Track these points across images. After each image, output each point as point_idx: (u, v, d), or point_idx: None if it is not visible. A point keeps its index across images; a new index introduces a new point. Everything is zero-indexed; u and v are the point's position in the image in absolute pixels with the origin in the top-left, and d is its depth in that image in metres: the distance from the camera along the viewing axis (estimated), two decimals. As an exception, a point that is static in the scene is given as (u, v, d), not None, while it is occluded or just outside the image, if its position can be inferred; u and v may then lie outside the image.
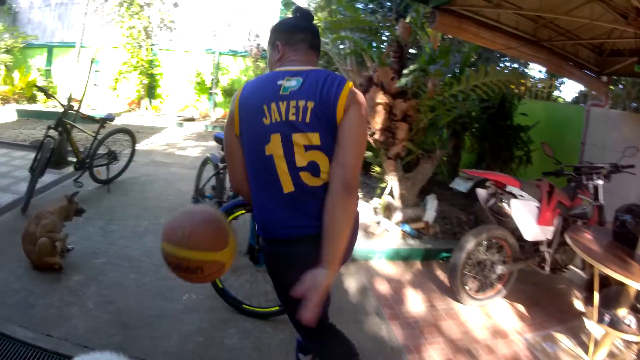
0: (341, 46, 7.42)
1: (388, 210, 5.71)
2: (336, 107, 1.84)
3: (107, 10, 15.01)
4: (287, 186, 1.90)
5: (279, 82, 1.93)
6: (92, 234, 5.06)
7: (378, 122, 5.29)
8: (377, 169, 6.03)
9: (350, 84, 1.92)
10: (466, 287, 4.15)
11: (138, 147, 8.47)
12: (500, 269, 4.20)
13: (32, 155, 5.84)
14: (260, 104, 1.92)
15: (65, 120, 6.08)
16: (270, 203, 1.97)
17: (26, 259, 4.13)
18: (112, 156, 6.78)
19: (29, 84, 15.37)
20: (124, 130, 7.26)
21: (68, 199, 4.51)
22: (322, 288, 1.73)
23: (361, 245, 5.02)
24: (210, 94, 15.62)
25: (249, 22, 15.16)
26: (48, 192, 6.31)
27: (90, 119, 6.66)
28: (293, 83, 1.91)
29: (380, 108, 5.23)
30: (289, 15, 8.18)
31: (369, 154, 6.13)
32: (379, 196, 5.99)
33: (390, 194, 5.73)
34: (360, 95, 1.92)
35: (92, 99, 15.76)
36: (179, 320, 3.61)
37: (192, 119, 14.87)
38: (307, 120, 1.85)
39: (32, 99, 15.50)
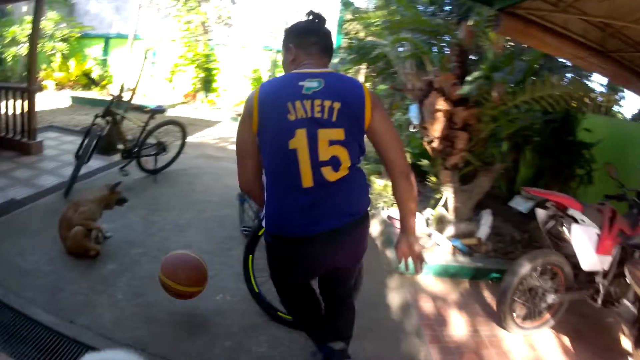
0: (400, 49, 7.20)
1: (440, 222, 5.39)
2: (364, 108, 2.02)
3: (164, 4, 15.26)
4: (307, 181, 1.98)
5: (300, 83, 2.02)
6: (133, 224, 4.98)
7: (437, 129, 4.99)
8: (433, 179, 5.72)
9: (366, 86, 2.11)
10: (514, 314, 3.80)
11: (190, 139, 8.37)
12: (551, 298, 3.82)
13: (81, 140, 5.86)
14: (284, 102, 1.99)
15: (113, 110, 6.04)
16: (287, 199, 2.05)
17: (61, 243, 4.07)
18: (161, 147, 6.73)
19: (84, 72, 15.75)
20: (175, 122, 7.18)
21: (110, 188, 4.44)
22: (417, 248, 2.23)
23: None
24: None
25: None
26: (94, 178, 6.34)
27: (139, 110, 6.60)
28: (315, 84, 2.01)
29: (440, 115, 4.92)
30: (349, 15, 7.80)
31: (425, 162, 5.83)
32: (433, 207, 5.69)
33: (445, 206, 5.42)
34: (377, 95, 2.12)
35: (148, 89, 16.07)
36: (208, 321, 3.43)
37: None
38: (334, 119, 1.98)
39: (87, 86, 15.87)
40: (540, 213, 4.00)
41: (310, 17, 2.24)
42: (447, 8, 7.82)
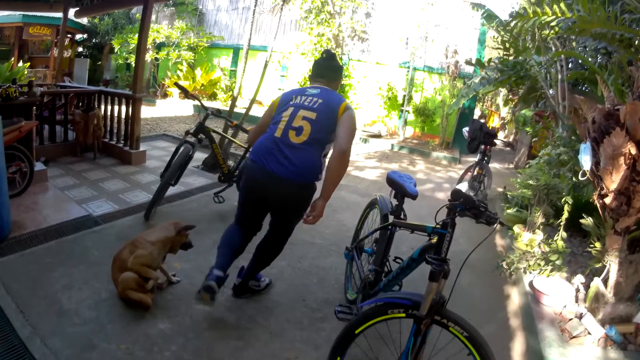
0: (553, 69, 6.04)
1: (596, 301, 3.95)
2: (339, 108, 3.08)
3: (295, 16, 14.86)
4: (279, 132, 3.06)
5: (307, 90, 3.25)
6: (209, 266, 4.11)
7: (614, 180, 3.57)
8: (597, 244, 4.26)
9: (346, 101, 3.18)
10: None
11: None
12: None
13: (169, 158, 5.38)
14: (292, 95, 3.26)
15: (207, 127, 5.33)
16: (265, 141, 3.11)
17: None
18: None
19: (210, 82, 15.74)
20: None
21: (178, 229, 3.58)
22: (321, 210, 2.97)
23: (552, 354, 3.43)
24: (401, 110, 14.47)
25: (447, 36, 13.74)
26: (187, 200, 5.82)
27: (240, 129, 5.83)
28: (314, 91, 3.21)
29: (621, 161, 3.50)
30: (492, 30, 8.63)
31: (588, 220, 4.37)
32: (587, 277, 4.33)
33: (605, 279, 3.99)
34: (351, 107, 3.14)
35: None
36: None
37: (378, 136, 13.99)
38: (314, 106, 3.09)
39: (213, 96, 16.02)
40: None
41: (323, 55, 3.46)
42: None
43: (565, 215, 4.65)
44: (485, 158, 7.38)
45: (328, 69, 3.39)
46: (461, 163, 12.13)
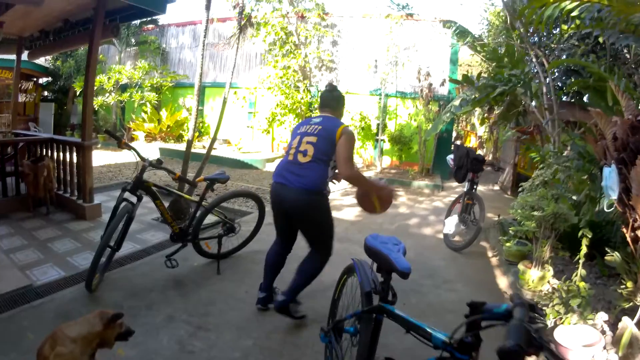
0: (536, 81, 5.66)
1: (630, 347, 3.22)
2: (336, 133, 3.57)
3: (260, 50, 14.33)
4: (291, 156, 3.68)
5: (312, 120, 3.84)
6: (160, 351, 3.29)
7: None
8: (629, 283, 3.51)
9: (344, 125, 3.69)
10: None
11: None
12: None
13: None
14: (300, 127, 3.87)
15: (147, 181, 4.47)
16: (281, 164, 3.77)
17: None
18: (227, 227, 5.04)
19: (177, 123, 15.18)
20: (247, 195, 5.61)
21: (104, 321, 2.72)
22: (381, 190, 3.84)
23: None
24: (376, 140, 13.80)
25: (418, 59, 13.24)
26: (139, 263, 4.96)
27: (184, 181, 5.04)
28: (317, 120, 3.79)
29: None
30: (465, 47, 9.82)
31: (615, 256, 3.64)
32: (617, 317, 3.58)
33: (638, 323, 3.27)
34: (348, 131, 3.61)
35: (246, 141, 15.15)
36: None
37: None
38: (315, 132, 3.65)
39: (180, 138, 15.32)
40: None
41: (327, 87, 4.10)
42: None
43: (584, 250, 3.92)
44: (475, 186, 6.69)
45: (331, 99, 3.96)
46: (444, 190, 11.49)
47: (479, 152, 24.90)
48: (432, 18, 13.06)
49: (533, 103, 7.38)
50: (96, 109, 15.81)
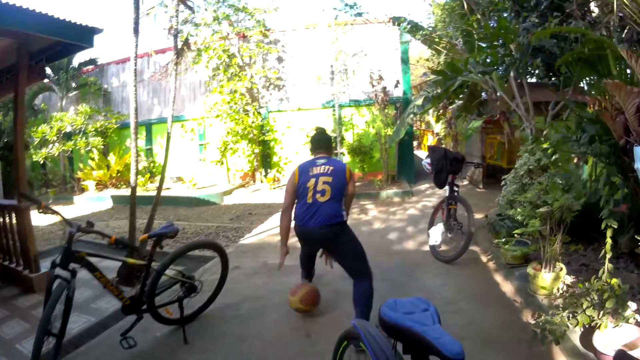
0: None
1: None
2: (345, 174, 4.04)
3: (204, 78, 13.58)
4: (309, 199, 3.94)
5: (317, 161, 4.13)
6: None
7: None
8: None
9: (348, 165, 4.28)
10: None
11: (246, 240, 7.18)
12: None
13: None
14: (308, 168, 4.09)
15: (79, 251, 3.50)
16: (299, 208, 4.02)
17: None
18: (187, 287, 4.22)
19: (127, 167, 14.40)
20: (205, 246, 4.88)
21: None
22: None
23: None
24: (335, 154, 13.09)
25: (368, 63, 12.76)
26: (95, 342, 4.04)
27: (120, 245, 4.18)
28: (323, 161, 4.11)
29: None
30: (415, 40, 10.30)
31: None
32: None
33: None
34: (351, 169, 4.16)
35: (200, 176, 14.37)
36: None
37: None
38: (329, 173, 3.99)
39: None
40: None
41: (317, 131, 4.51)
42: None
43: (609, 243, 3.35)
44: (456, 189, 6.09)
45: (324, 141, 4.36)
46: (414, 195, 10.99)
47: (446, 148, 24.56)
48: (381, 17, 12.58)
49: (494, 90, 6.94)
50: (42, 162, 14.80)
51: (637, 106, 2.65)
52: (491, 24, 7.08)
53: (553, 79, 6.36)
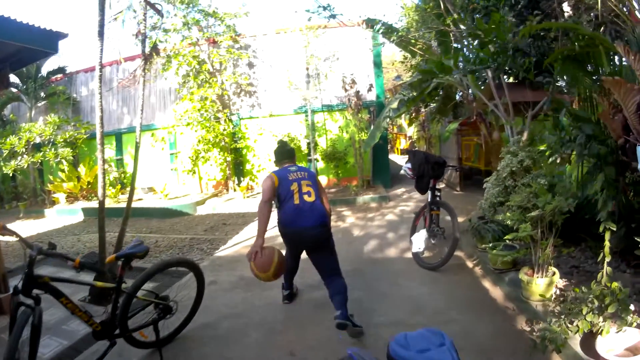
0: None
1: None
2: (316, 176, 4.44)
3: (174, 86, 13.26)
4: (296, 200, 4.13)
5: (290, 169, 4.39)
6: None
7: None
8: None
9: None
10: None
11: (221, 252, 6.88)
12: None
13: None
14: (286, 174, 4.29)
15: (42, 276, 3.16)
16: (288, 210, 4.13)
17: None
18: (162, 308, 3.92)
19: (97, 178, 13.89)
20: (178, 264, 4.47)
21: None
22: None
23: None
24: (309, 160, 12.95)
25: (341, 68, 12.61)
26: None
27: (86, 268, 3.87)
28: (295, 168, 4.41)
29: None
30: (389, 43, 10.18)
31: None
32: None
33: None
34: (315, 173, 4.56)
35: (172, 186, 13.97)
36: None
37: None
38: (307, 177, 4.31)
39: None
40: None
41: (281, 143, 4.80)
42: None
43: (608, 245, 3.21)
44: (438, 193, 5.91)
45: (290, 152, 4.67)
46: (392, 199, 10.84)
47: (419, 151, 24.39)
48: (354, 20, 12.33)
49: (470, 91, 6.81)
50: (11, 174, 14.33)
51: (638, 104, 2.51)
52: (468, 24, 6.95)
53: (539, 78, 6.23)
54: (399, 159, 21.83)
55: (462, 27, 7.27)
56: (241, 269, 5.92)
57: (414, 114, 15.18)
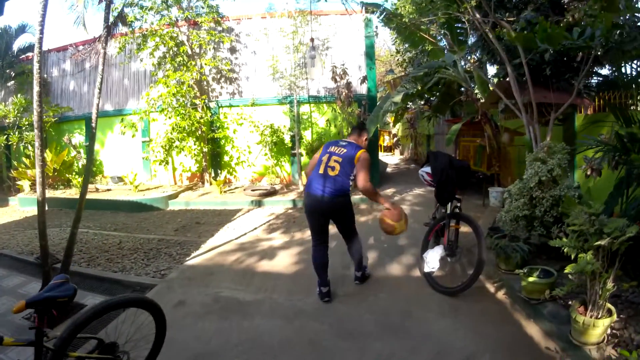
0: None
1: None
2: (355, 156, 4.51)
3: (150, 68, 12.26)
4: (321, 170, 4.57)
5: (339, 142, 4.77)
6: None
7: None
8: None
9: (362, 150, 4.59)
10: None
11: (193, 260, 6.05)
12: None
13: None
14: (329, 146, 4.74)
15: None
16: (312, 175, 4.66)
17: None
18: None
19: (65, 164, 12.81)
20: (132, 303, 3.10)
21: None
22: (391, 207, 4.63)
23: None
24: (293, 155, 12.15)
25: (331, 57, 11.81)
26: None
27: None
28: (344, 144, 4.70)
29: None
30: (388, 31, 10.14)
31: None
32: None
33: None
34: (365, 154, 4.57)
35: (143, 176, 13.10)
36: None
37: (273, 193, 11.11)
38: (341, 154, 4.57)
39: (68, 183, 12.82)
40: None
41: (359, 122, 9.51)
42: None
43: None
44: (458, 204, 5.06)
45: (354, 128, 5.08)
46: (385, 200, 9.97)
47: (396, 151, 23.60)
48: (351, 5, 11.50)
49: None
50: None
51: None
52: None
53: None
54: (383, 157, 21.12)
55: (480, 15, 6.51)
56: (216, 284, 5.06)
57: (400, 111, 14.48)
